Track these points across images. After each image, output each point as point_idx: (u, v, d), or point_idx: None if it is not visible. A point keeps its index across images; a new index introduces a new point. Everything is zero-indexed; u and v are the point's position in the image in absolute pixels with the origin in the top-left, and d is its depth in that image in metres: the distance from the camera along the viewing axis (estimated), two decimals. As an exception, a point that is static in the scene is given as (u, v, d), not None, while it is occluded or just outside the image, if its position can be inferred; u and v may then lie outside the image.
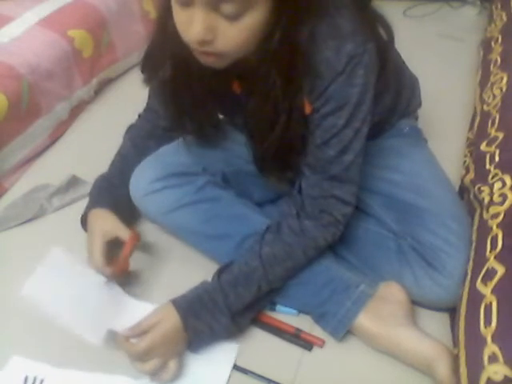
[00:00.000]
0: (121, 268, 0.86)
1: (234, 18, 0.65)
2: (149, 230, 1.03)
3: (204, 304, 0.80)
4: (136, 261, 0.94)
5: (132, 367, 0.78)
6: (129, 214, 0.97)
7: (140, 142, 1.00)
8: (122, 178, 0.96)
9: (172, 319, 0.78)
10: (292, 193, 0.84)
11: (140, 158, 0.94)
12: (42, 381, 0.80)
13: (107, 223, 0.89)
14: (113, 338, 0.80)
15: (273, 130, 0.77)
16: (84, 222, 0.95)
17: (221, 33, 0.66)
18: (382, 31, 0.77)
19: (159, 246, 1.01)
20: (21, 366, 0.82)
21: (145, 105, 1.01)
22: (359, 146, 0.78)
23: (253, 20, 0.66)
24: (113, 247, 0.89)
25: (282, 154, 0.81)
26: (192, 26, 0.65)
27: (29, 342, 0.86)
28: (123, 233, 0.88)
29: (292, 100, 0.75)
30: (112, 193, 0.95)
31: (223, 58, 0.71)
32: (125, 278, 0.91)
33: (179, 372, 0.80)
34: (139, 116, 1.03)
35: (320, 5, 0.71)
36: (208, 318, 0.80)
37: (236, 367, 0.82)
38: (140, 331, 0.77)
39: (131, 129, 1.03)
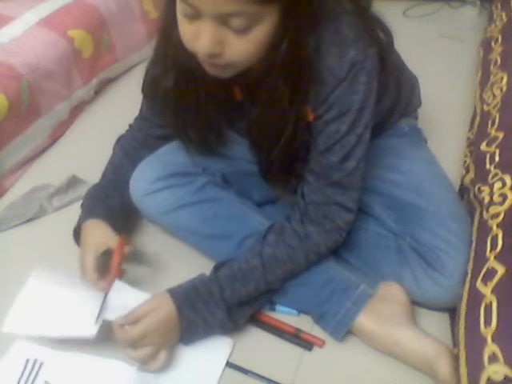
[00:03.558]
0: (114, 277, 0.84)
1: (242, 31, 0.65)
2: (149, 230, 1.03)
3: (200, 294, 0.80)
4: (135, 261, 0.94)
5: (124, 354, 0.78)
6: (124, 223, 0.96)
7: (132, 151, 0.98)
8: (115, 187, 0.95)
9: (167, 307, 0.78)
10: (296, 198, 0.84)
11: (133, 168, 0.92)
12: (41, 363, 0.81)
13: (98, 236, 0.87)
14: (107, 327, 0.79)
15: (279, 139, 0.77)
16: (77, 235, 0.93)
17: (229, 45, 0.66)
18: (381, 35, 0.78)
19: (159, 246, 1.01)
20: (22, 349, 0.83)
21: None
22: (362, 152, 0.79)
23: (261, 32, 0.66)
24: (107, 258, 0.87)
25: (288, 163, 0.81)
26: (200, 39, 0.66)
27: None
28: (113, 242, 0.86)
29: (298, 109, 0.75)
30: (106, 203, 0.93)
31: (230, 69, 0.71)
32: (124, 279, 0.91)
33: (168, 363, 0.80)
34: (130, 126, 1.01)
35: (324, 13, 0.71)
36: (203, 309, 0.80)
37: (236, 367, 0.82)
38: (134, 318, 0.77)
39: (122, 139, 1.01)
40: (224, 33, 0.65)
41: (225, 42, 0.66)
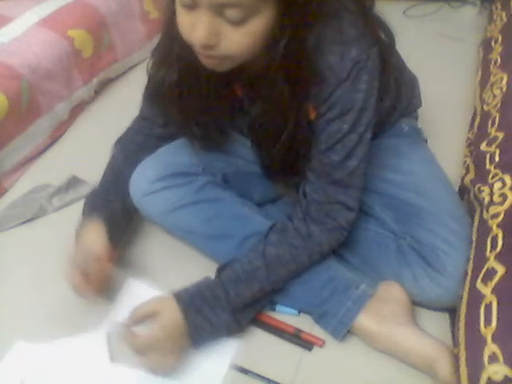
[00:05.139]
0: (95, 291, 0.82)
1: (238, 22, 0.64)
2: (149, 231, 1.03)
3: (205, 298, 0.80)
4: (136, 261, 0.94)
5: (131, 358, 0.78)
6: (124, 228, 0.96)
7: (132, 155, 0.96)
8: (116, 192, 0.93)
9: (172, 312, 0.78)
10: (298, 197, 0.84)
11: (132, 172, 0.91)
12: (43, 369, 0.80)
13: (90, 242, 0.85)
14: (115, 329, 0.79)
15: (280, 136, 0.77)
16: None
17: (224, 37, 0.66)
18: (383, 36, 0.78)
19: (159, 246, 1.01)
20: (22, 352, 0.82)
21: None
22: (363, 151, 0.79)
23: (257, 25, 0.66)
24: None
25: (289, 160, 0.81)
26: (196, 29, 0.65)
27: (30, 331, 0.86)
28: (102, 252, 0.83)
29: (299, 106, 0.75)
30: (108, 208, 0.91)
31: (226, 62, 0.71)
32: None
33: (177, 368, 0.80)
34: (128, 129, 0.99)
35: (325, 10, 0.71)
36: (208, 312, 0.79)
37: (236, 367, 0.82)
38: (138, 317, 0.77)
39: (120, 142, 0.99)
40: (220, 24, 0.65)
41: (220, 34, 0.66)
